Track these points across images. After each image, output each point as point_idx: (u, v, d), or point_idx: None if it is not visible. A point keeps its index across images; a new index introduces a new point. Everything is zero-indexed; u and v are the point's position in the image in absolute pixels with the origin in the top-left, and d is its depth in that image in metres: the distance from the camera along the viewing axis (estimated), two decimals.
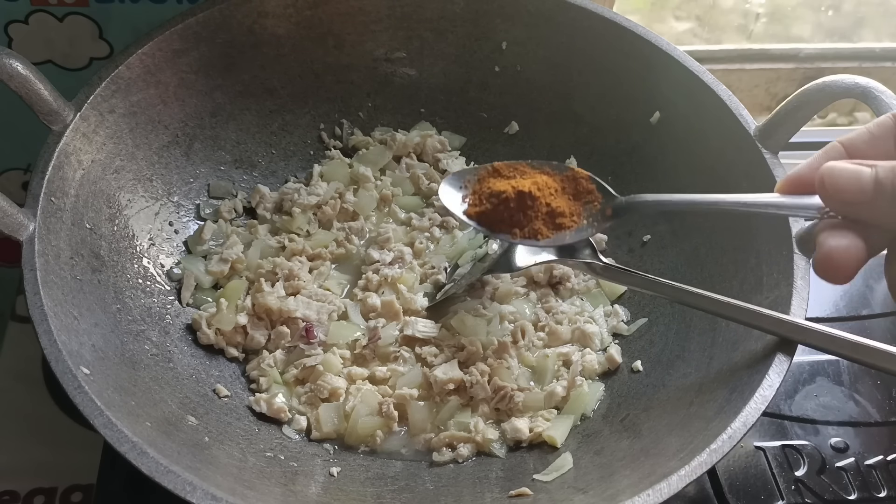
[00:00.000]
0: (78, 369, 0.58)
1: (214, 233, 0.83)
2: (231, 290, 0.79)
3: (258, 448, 0.69)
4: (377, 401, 0.74)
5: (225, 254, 0.81)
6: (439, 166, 0.92)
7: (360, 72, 0.91)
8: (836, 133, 1.25)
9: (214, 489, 0.54)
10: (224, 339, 0.77)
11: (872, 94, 0.66)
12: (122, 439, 0.55)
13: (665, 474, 0.56)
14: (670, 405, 0.70)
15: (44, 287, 0.61)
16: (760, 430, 0.81)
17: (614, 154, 0.88)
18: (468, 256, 0.84)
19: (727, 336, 0.70)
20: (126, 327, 0.70)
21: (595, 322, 0.82)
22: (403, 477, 0.71)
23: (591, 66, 0.87)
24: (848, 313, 0.93)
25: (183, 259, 0.81)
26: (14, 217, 0.63)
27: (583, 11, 0.85)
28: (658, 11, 1.35)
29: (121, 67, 0.74)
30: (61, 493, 0.79)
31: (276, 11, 0.84)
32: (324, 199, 0.87)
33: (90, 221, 0.71)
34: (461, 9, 0.88)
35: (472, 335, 0.78)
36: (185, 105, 0.82)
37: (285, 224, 0.85)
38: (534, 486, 0.67)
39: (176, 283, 0.80)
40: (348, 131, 0.93)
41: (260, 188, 0.87)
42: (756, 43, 1.32)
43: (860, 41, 1.34)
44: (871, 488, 0.77)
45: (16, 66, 0.64)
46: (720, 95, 0.78)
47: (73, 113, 0.70)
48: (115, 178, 0.75)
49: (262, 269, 0.81)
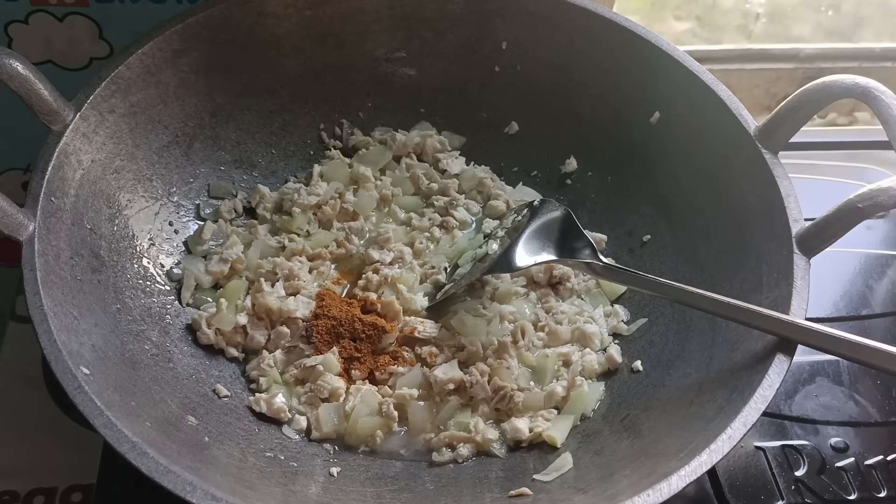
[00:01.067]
0: (78, 369, 0.58)
1: (214, 233, 0.83)
2: (231, 291, 0.79)
3: (258, 448, 0.69)
4: (377, 401, 0.74)
5: (225, 254, 0.81)
6: (439, 166, 0.92)
7: (360, 72, 0.91)
8: (836, 133, 1.26)
9: (214, 489, 0.54)
10: (224, 339, 0.77)
11: (872, 94, 0.66)
12: (122, 439, 0.55)
13: (665, 474, 0.56)
14: (670, 405, 0.70)
15: (44, 287, 0.61)
16: (760, 430, 0.81)
17: (614, 154, 0.88)
18: (468, 256, 0.83)
19: (727, 336, 0.70)
20: (126, 327, 0.70)
21: (595, 322, 0.82)
22: (403, 477, 0.71)
23: (590, 66, 0.87)
24: (848, 313, 0.93)
25: (183, 259, 0.81)
26: (14, 217, 0.63)
27: (583, 11, 0.85)
28: (658, 11, 1.35)
29: (121, 67, 0.74)
30: (61, 493, 0.80)
31: (276, 11, 0.84)
32: (324, 199, 0.86)
33: (90, 221, 0.71)
34: (461, 9, 0.88)
35: (472, 335, 0.78)
36: (185, 105, 0.82)
37: (285, 224, 0.85)
38: (534, 486, 0.67)
39: (176, 283, 0.80)
40: (348, 131, 0.93)
41: (260, 188, 0.87)
42: (756, 43, 1.32)
43: (860, 41, 1.34)
44: (871, 488, 0.77)
45: (16, 66, 0.64)
46: (720, 95, 0.78)
47: (73, 113, 0.70)
48: (114, 178, 0.75)
49: (262, 269, 0.81)
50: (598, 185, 0.90)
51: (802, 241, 0.68)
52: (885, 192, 0.62)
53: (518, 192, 0.92)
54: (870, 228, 1.03)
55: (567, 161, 0.91)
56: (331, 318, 0.78)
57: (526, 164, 0.93)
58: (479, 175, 0.91)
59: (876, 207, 0.63)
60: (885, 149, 0.97)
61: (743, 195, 0.75)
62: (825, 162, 1.10)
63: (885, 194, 0.62)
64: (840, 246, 0.67)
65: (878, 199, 0.63)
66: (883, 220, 1.03)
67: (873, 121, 0.73)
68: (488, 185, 0.91)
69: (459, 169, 0.92)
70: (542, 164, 0.93)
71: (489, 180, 0.91)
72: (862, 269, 0.98)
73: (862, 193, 0.63)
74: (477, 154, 0.94)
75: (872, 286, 0.96)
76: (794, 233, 0.69)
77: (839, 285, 0.96)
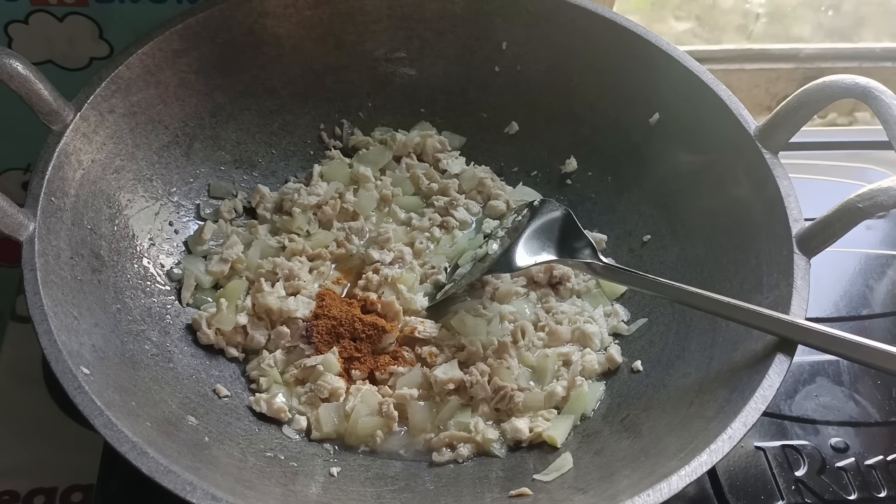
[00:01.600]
0: (78, 369, 0.58)
1: (214, 233, 0.83)
2: (231, 290, 0.79)
3: (258, 448, 0.69)
4: (377, 401, 0.74)
5: (225, 254, 0.81)
6: (439, 166, 0.92)
7: (360, 72, 0.91)
8: (836, 133, 1.26)
9: (214, 489, 0.54)
10: (224, 339, 0.77)
11: (872, 94, 0.66)
12: (122, 439, 0.55)
13: (665, 474, 0.56)
14: (670, 405, 0.70)
15: (44, 287, 0.61)
16: (760, 430, 0.81)
17: (614, 154, 0.88)
18: (468, 256, 0.83)
19: (727, 336, 0.70)
20: (126, 327, 0.70)
21: (595, 322, 0.82)
22: (403, 477, 0.71)
23: (590, 66, 0.87)
24: (848, 313, 0.93)
25: (183, 259, 0.81)
26: (14, 217, 0.63)
27: (583, 11, 0.85)
28: (658, 11, 1.35)
29: (121, 67, 0.74)
30: (61, 493, 0.79)
31: (277, 11, 0.84)
32: (324, 199, 0.86)
33: (90, 221, 0.71)
34: (461, 9, 0.88)
35: (472, 335, 0.78)
36: (185, 105, 0.82)
37: (285, 224, 0.85)
38: (534, 486, 0.67)
39: (176, 283, 0.79)
40: (348, 131, 0.93)
41: (260, 188, 0.87)
42: (756, 43, 1.32)
43: (860, 41, 1.34)
44: (871, 488, 0.77)
45: (16, 66, 0.64)
46: (720, 95, 0.78)
47: (73, 113, 0.70)
48: (115, 178, 0.75)
49: (263, 269, 0.81)
50: (598, 185, 0.90)
51: (802, 241, 0.68)
52: (885, 192, 0.62)
53: (518, 192, 0.92)
54: (870, 228, 1.03)
55: (567, 161, 0.91)
56: (331, 318, 0.78)
57: (526, 164, 0.93)
58: (479, 175, 0.91)
59: (876, 207, 0.63)
60: (885, 149, 0.97)
61: (743, 195, 0.75)
62: (825, 162, 1.10)
63: (885, 194, 0.62)
64: (840, 246, 0.67)
65: (878, 199, 0.63)
66: (883, 220, 1.03)
67: (873, 121, 0.73)
68: (488, 185, 0.91)
69: (459, 169, 0.92)
70: (542, 164, 0.93)
71: (489, 180, 0.91)
72: (862, 269, 0.98)
73: (862, 193, 0.63)
74: (477, 154, 0.94)
75: (872, 286, 0.96)
76: (794, 233, 0.69)
77: (839, 285, 0.96)
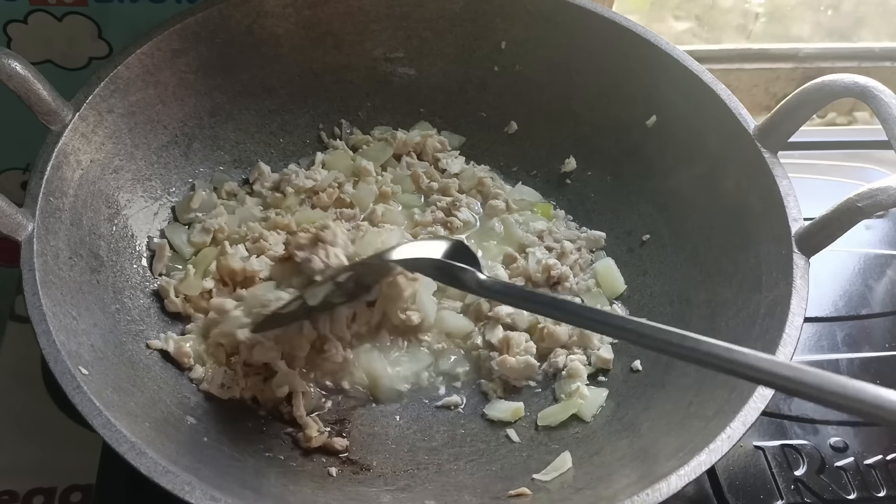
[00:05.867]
0: (77, 369, 0.58)
1: (203, 202, 0.82)
2: (202, 257, 0.78)
3: (258, 448, 0.69)
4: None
5: (207, 223, 0.80)
6: (439, 166, 0.92)
7: (360, 71, 0.91)
8: (835, 133, 1.26)
9: (214, 489, 0.54)
10: (191, 306, 0.76)
11: (872, 94, 0.66)
12: (120, 439, 0.55)
13: (664, 474, 0.56)
14: (669, 405, 0.70)
15: (42, 287, 0.61)
16: (760, 429, 0.81)
17: (614, 154, 0.88)
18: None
19: (727, 336, 0.70)
20: (125, 327, 0.70)
21: None
22: (403, 477, 0.71)
23: (590, 65, 0.87)
24: (847, 313, 0.93)
25: (166, 228, 0.80)
26: (13, 217, 0.62)
27: (582, 11, 0.85)
28: (658, 11, 1.35)
29: (120, 67, 0.74)
30: (61, 493, 0.79)
31: (275, 11, 0.84)
32: (321, 185, 0.86)
33: (89, 221, 0.71)
34: (460, 8, 0.88)
35: (456, 335, 0.79)
36: (184, 105, 0.82)
37: (276, 201, 0.85)
38: (533, 485, 0.67)
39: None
40: (347, 131, 0.93)
41: (260, 165, 0.87)
42: (755, 43, 1.32)
43: (860, 41, 1.34)
44: (870, 488, 0.77)
45: (14, 66, 0.64)
46: (719, 95, 0.78)
47: (72, 113, 0.70)
48: (113, 178, 0.75)
49: (236, 235, 0.79)
50: (597, 185, 0.90)
51: (802, 240, 0.68)
52: (885, 192, 0.62)
53: (517, 191, 0.92)
54: (869, 228, 1.03)
55: (566, 160, 0.91)
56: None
57: (525, 163, 0.93)
58: (478, 174, 0.91)
59: (875, 207, 0.63)
60: (885, 148, 0.97)
61: (742, 194, 0.75)
62: (825, 161, 1.10)
63: (885, 193, 0.62)
64: (839, 246, 0.67)
65: (877, 199, 0.63)
66: (882, 220, 1.03)
67: (873, 120, 0.73)
68: (488, 184, 0.90)
69: (459, 168, 0.92)
70: (541, 164, 0.93)
71: (489, 180, 0.91)
72: (861, 268, 0.98)
73: (861, 193, 0.63)
74: (476, 154, 0.94)
75: (872, 286, 0.96)
76: (793, 232, 0.68)
77: (839, 285, 0.96)
